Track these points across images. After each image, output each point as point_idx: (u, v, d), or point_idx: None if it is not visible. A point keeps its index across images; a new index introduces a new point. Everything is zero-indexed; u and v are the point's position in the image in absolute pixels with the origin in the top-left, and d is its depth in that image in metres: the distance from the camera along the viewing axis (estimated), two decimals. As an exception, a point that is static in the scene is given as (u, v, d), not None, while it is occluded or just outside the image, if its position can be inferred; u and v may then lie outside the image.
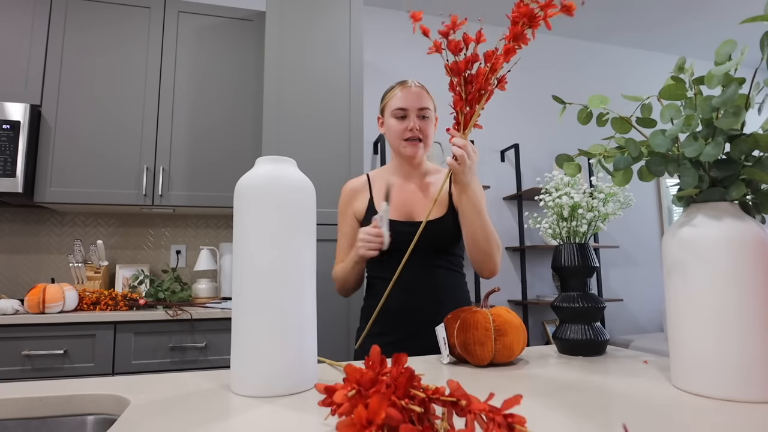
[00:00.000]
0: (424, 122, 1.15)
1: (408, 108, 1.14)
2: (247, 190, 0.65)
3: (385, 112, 1.20)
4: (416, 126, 1.14)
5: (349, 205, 1.24)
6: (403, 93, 1.15)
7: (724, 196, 0.62)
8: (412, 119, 1.14)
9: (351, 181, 1.27)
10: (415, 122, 1.14)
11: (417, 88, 1.16)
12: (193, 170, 2.23)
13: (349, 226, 1.23)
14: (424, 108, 1.15)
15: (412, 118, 1.14)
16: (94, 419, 0.63)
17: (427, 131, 1.16)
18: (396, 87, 1.18)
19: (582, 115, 0.77)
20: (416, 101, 1.14)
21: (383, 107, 1.21)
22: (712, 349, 0.59)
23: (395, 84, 1.20)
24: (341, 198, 1.26)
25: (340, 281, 1.20)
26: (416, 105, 1.14)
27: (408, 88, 1.16)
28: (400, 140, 1.16)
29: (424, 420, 0.40)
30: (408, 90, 1.15)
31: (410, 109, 1.14)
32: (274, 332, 0.62)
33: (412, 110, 1.14)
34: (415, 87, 1.16)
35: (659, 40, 3.58)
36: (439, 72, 3.14)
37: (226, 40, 2.36)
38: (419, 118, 1.15)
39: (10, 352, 1.70)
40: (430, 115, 1.17)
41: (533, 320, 3.07)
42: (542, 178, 3.22)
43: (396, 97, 1.16)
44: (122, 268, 2.32)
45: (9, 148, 1.96)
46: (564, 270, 0.94)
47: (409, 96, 1.14)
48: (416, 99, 1.14)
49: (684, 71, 0.67)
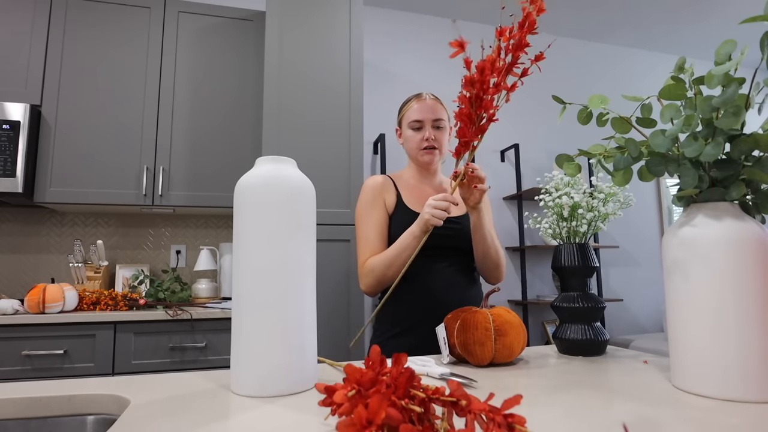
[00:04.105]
0: (438, 132, 1.23)
1: (424, 120, 1.22)
2: (247, 190, 0.65)
3: (403, 124, 1.27)
4: (431, 136, 1.22)
5: (380, 195, 1.24)
6: (418, 105, 1.23)
7: (724, 196, 0.62)
8: (427, 130, 1.22)
9: (373, 177, 1.28)
10: (430, 133, 1.22)
11: (431, 101, 1.24)
12: (193, 170, 2.23)
13: (381, 215, 1.22)
14: (438, 119, 1.23)
15: (428, 128, 1.22)
16: (94, 419, 0.63)
17: (441, 140, 1.24)
18: (412, 100, 1.26)
19: (582, 116, 0.77)
20: (431, 113, 1.22)
21: (401, 119, 1.29)
22: (711, 349, 0.59)
23: (411, 97, 1.27)
24: (367, 190, 1.25)
25: (381, 270, 1.14)
26: (431, 116, 1.22)
27: (423, 101, 1.24)
28: (418, 150, 1.23)
29: (424, 420, 0.40)
30: (423, 103, 1.23)
31: (426, 121, 1.22)
32: (274, 332, 0.62)
33: (428, 121, 1.22)
34: (430, 99, 1.24)
35: (659, 40, 3.58)
36: (440, 72, 3.14)
37: (226, 40, 2.36)
38: (434, 128, 1.23)
39: (10, 352, 1.70)
40: (444, 125, 1.24)
41: (533, 320, 3.07)
42: (542, 178, 3.22)
43: (412, 109, 1.24)
44: (122, 268, 2.32)
45: (9, 148, 1.96)
46: (564, 270, 0.94)
47: (425, 108, 1.22)
48: (431, 111, 1.22)
49: (684, 71, 0.67)
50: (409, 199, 1.25)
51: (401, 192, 1.26)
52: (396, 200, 1.24)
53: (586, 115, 0.77)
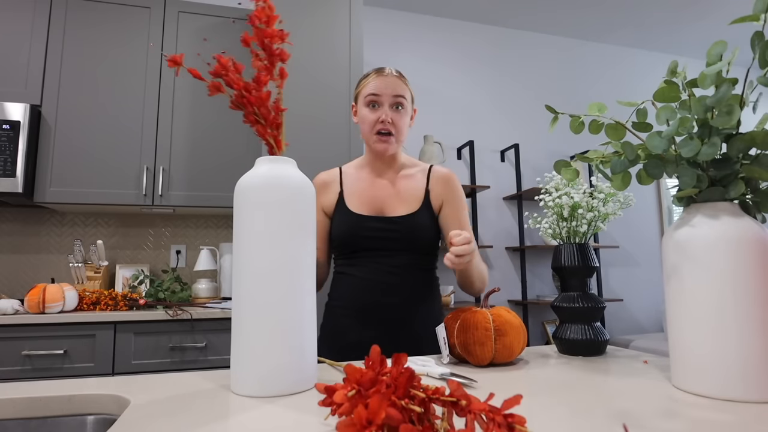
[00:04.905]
0: (397, 114, 1.08)
1: (381, 94, 1.07)
2: (247, 190, 0.65)
3: (359, 99, 1.12)
4: (388, 118, 1.06)
5: (319, 197, 1.17)
6: (377, 79, 1.08)
7: (724, 196, 0.62)
8: (385, 109, 1.07)
9: (322, 173, 1.20)
10: (387, 114, 1.06)
11: (394, 77, 1.08)
12: (193, 170, 2.23)
13: (320, 217, 1.16)
14: (399, 95, 1.07)
15: (386, 107, 1.07)
16: (94, 419, 0.63)
17: (399, 124, 1.08)
18: (371, 73, 1.10)
19: (575, 125, 0.77)
20: (391, 88, 1.06)
21: (357, 94, 1.13)
22: (711, 348, 0.59)
23: (371, 71, 1.12)
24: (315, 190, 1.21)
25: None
26: (391, 92, 1.06)
27: (384, 75, 1.08)
28: (371, 133, 1.09)
29: (424, 420, 0.40)
30: (383, 77, 1.08)
31: (384, 96, 1.07)
32: (274, 332, 0.62)
33: (386, 97, 1.07)
34: (393, 75, 1.08)
35: (659, 40, 3.58)
36: (440, 72, 3.14)
37: (226, 40, 2.36)
38: (393, 107, 1.08)
39: (10, 352, 1.70)
40: (406, 105, 1.09)
41: (533, 320, 3.07)
42: (542, 178, 3.22)
43: (370, 83, 1.08)
44: (122, 268, 2.32)
45: (9, 148, 1.96)
46: (564, 270, 0.94)
47: (385, 83, 1.07)
48: (391, 86, 1.06)
49: (677, 75, 0.67)
50: (352, 198, 1.13)
51: (345, 190, 1.15)
52: (336, 200, 1.14)
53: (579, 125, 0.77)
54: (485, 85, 3.24)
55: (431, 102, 3.09)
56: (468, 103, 3.18)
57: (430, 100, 3.09)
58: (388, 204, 1.13)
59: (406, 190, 1.14)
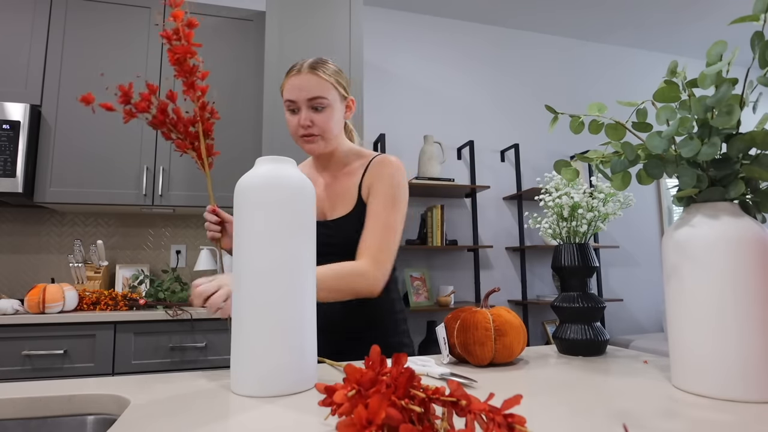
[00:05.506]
0: (318, 114, 0.98)
1: (296, 100, 0.98)
2: (247, 190, 0.65)
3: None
4: (307, 122, 0.98)
5: None
6: (291, 81, 0.98)
7: (724, 196, 0.62)
8: (303, 113, 0.98)
9: None
10: (305, 117, 0.98)
11: (308, 74, 0.97)
12: (193, 170, 2.23)
13: None
14: (315, 98, 0.97)
15: (303, 111, 0.98)
16: (94, 419, 0.63)
17: (322, 124, 0.98)
18: (287, 73, 1.01)
19: (575, 125, 0.77)
20: (306, 91, 0.97)
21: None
22: (711, 348, 0.59)
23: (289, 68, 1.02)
24: None
25: None
26: (305, 96, 0.97)
27: (298, 75, 0.98)
28: (296, 137, 1.01)
29: (424, 420, 0.40)
30: (298, 77, 0.98)
31: (299, 101, 0.98)
32: (274, 332, 0.62)
33: (302, 102, 0.98)
34: (307, 72, 0.97)
35: (659, 40, 3.58)
36: (440, 72, 3.14)
37: (226, 40, 2.36)
38: (312, 109, 0.98)
39: (10, 352, 1.70)
40: (327, 104, 0.98)
41: (533, 320, 3.07)
42: (542, 178, 3.22)
43: (286, 87, 1.00)
44: (122, 268, 2.32)
45: (9, 148, 1.96)
46: (564, 270, 0.94)
47: (299, 86, 0.97)
48: (306, 89, 0.97)
49: (677, 75, 0.67)
50: None
51: None
52: None
53: (578, 125, 0.77)
54: (485, 85, 3.24)
55: (431, 102, 3.09)
56: (468, 103, 3.18)
57: (430, 100, 3.09)
58: (327, 206, 1.08)
59: (344, 189, 1.06)
